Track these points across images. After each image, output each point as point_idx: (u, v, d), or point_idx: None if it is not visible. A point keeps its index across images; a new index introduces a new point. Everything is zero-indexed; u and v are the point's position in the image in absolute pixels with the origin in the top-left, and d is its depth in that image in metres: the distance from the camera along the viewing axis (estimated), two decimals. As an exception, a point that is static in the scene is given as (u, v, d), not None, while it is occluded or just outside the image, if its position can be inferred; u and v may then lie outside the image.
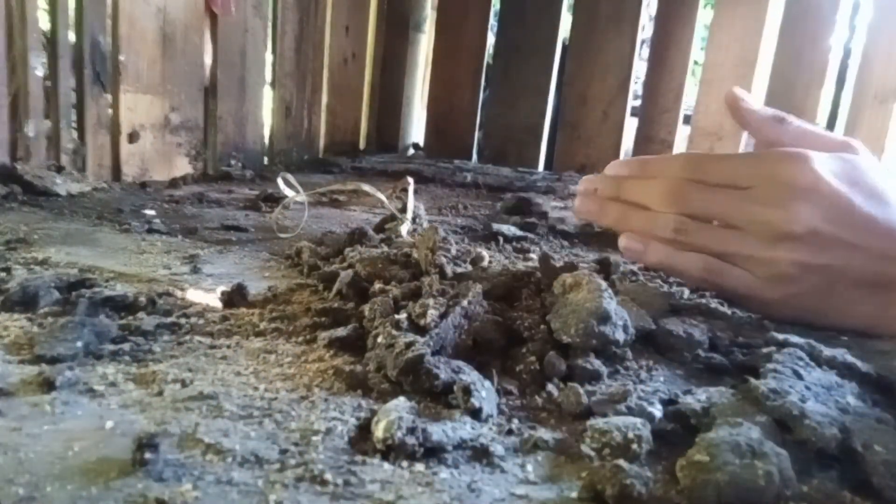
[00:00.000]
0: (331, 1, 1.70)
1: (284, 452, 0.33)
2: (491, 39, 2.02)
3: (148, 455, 0.31)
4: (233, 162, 1.42)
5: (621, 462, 0.32)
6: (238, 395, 0.39)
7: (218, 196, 1.12)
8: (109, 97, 1.12)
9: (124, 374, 0.41)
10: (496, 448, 0.35)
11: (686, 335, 0.51)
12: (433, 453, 0.34)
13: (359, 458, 0.33)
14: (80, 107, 1.09)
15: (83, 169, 1.09)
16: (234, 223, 0.89)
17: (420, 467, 0.33)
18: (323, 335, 0.49)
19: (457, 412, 0.39)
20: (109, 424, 0.35)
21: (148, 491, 0.29)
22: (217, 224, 0.90)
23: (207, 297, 0.57)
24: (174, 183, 1.19)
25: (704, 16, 1.93)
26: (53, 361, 0.42)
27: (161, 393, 0.39)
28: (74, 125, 1.10)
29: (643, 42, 2.00)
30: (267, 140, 1.56)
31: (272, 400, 0.39)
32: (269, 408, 0.38)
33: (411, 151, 2.15)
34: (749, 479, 0.31)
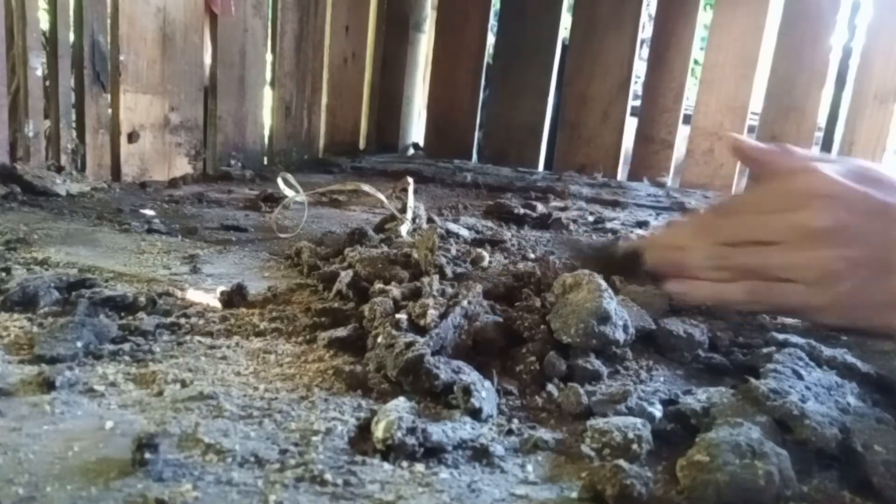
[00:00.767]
0: (331, 1, 1.70)
1: (284, 452, 0.33)
2: (491, 39, 2.02)
3: (148, 455, 0.31)
4: (232, 162, 1.42)
5: (621, 462, 0.32)
6: (238, 395, 0.39)
7: (218, 196, 1.11)
8: (109, 97, 1.12)
9: (124, 374, 0.41)
10: (496, 448, 0.35)
11: (686, 335, 0.51)
12: (433, 453, 0.34)
13: (359, 458, 0.34)
14: (80, 107, 1.09)
15: (83, 169, 1.09)
16: (234, 223, 0.89)
17: (420, 467, 0.33)
18: (323, 335, 0.49)
19: (457, 412, 0.39)
20: (109, 424, 0.35)
21: (148, 491, 0.29)
22: (217, 224, 0.90)
23: (207, 297, 0.57)
24: (174, 183, 1.19)
25: (704, 16, 1.93)
26: (53, 361, 0.42)
27: (161, 393, 0.39)
28: (74, 125, 1.10)
29: (643, 42, 2.00)
30: (267, 140, 1.56)
31: (272, 400, 0.39)
32: (269, 408, 0.38)
33: (411, 151, 2.15)
34: (749, 480, 0.31)
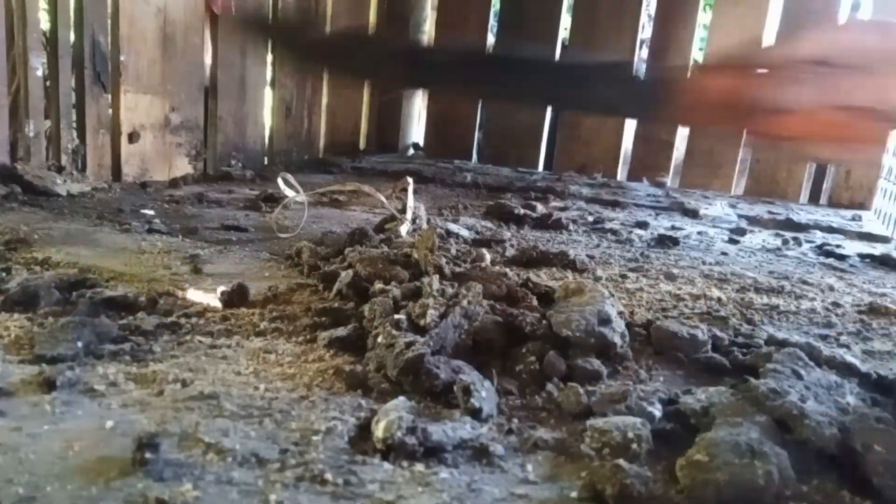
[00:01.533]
0: (331, 1, 1.70)
1: (284, 452, 0.34)
2: (491, 39, 2.02)
3: (148, 455, 0.31)
4: (233, 162, 1.42)
5: (621, 462, 0.32)
6: (238, 395, 0.39)
7: (218, 196, 1.11)
8: (110, 97, 1.12)
9: (125, 374, 0.41)
10: (496, 448, 0.35)
11: (687, 335, 0.51)
12: (433, 453, 0.34)
13: (359, 458, 0.34)
14: (80, 107, 1.09)
15: (83, 169, 1.09)
16: (235, 223, 0.89)
17: (420, 467, 0.33)
18: (323, 335, 0.49)
19: (457, 412, 0.39)
20: (109, 424, 0.35)
21: (148, 490, 0.29)
22: (217, 224, 0.90)
23: (208, 297, 0.57)
24: (174, 183, 1.19)
25: (704, 16, 1.93)
26: (54, 361, 0.42)
27: (161, 393, 0.39)
28: (75, 125, 1.10)
29: (643, 42, 2.00)
30: (267, 140, 1.56)
31: (272, 400, 0.39)
32: (269, 407, 0.38)
33: (411, 151, 2.15)
34: (749, 479, 0.31)
